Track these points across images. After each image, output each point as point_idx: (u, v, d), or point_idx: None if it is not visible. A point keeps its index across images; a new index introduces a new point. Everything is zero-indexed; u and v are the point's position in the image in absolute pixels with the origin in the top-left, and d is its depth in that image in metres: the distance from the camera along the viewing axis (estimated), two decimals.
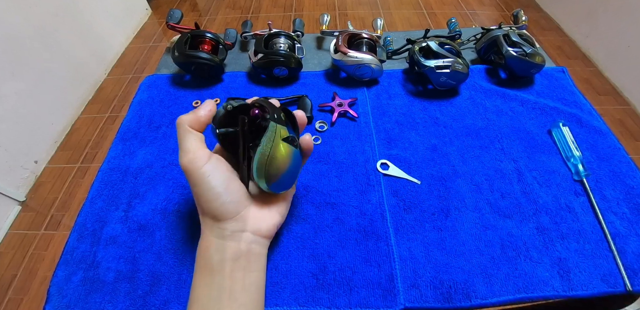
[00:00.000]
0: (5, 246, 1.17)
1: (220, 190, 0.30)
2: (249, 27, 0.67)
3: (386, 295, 0.35)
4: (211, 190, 0.30)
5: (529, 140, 0.48)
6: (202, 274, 0.30)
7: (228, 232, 0.31)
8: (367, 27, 0.88)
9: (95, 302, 0.36)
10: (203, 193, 0.30)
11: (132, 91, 1.65)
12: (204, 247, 0.31)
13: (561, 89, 0.55)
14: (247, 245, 0.31)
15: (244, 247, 0.31)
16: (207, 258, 0.30)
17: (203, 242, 0.32)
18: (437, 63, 0.51)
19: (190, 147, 0.31)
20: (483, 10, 2.15)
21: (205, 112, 0.32)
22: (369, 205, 0.42)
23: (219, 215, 0.31)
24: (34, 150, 1.35)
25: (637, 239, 0.38)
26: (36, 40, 1.37)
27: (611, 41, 1.63)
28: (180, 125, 0.32)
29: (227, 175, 0.31)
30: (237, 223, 0.31)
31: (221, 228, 0.31)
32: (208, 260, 0.30)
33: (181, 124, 0.32)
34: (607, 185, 0.43)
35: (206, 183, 0.30)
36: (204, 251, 0.31)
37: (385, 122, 0.52)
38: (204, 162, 0.30)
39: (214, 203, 0.30)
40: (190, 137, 0.31)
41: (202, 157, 0.30)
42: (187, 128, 0.31)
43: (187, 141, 0.31)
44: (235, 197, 0.31)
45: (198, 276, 0.31)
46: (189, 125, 0.31)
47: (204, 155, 0.31)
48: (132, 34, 2.04)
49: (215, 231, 0.31)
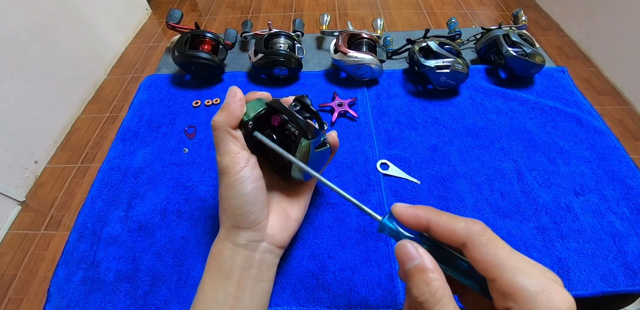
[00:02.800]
0: (5, 246, 1.17)
1: (249, 198, 0.30)
2: (249, 27, 0.67)
3: (386, 295, 0.35)
4: (240, 198, 0.29)
5: (529, 140, 0.48)
6: (211, 275, 0.30)
7: (244, 240, 0.30)
8: (367, 27, 0.88)
9: (95, 302, 0.36)
10: (231, 197, 0.30)
11: (132, 91, 1.65)
12: (217, 250, 0.31)
13: (561, 89, 0.56)
14: (261, 255, 0.31)
15: (257, 256, 0.31)
16: (219, 261, 0.30)
17: (218, 244, 0.31)
18: (437, 63, 0.51)
19: (232, 148, 0.29)
20: (483, 10, 2.15)
21: (237, 106, 0.30)
22: (369, 205, 0.42)
23: (239, 223, 0.30)
24: (34, 150, 1.35)
25: (637, 239, 0.38)
26: (36, 40, 1.37)
27: (611, 41, 1.63)
28: (219, 129, 0.30)
29: (258, 184, 0.30)
30: (254, 233, 0.31)
31: (238, 235, 0.30)
32: (220, 264, 0.30)
33: (220, 128, 0.30)
34: (607, 185, 0.43)
35: (238, 189, 0.29)
36: (216, 253, 0.31)
37: (385, 122, 0.52)
38: (243, 167, 0.29)
39: (239, 210, 0.30)
40: (230, 139, 0.30)
41: (242, 160, 0.29)
42: (228, 130, 0.29)
43: (228, 144, 0.30)
44: (259, 207, 0.31)
45: (207, 276, 0.30)
46: (229, 126, 0.29)
47: (243, 158, 0.30)
48: (132, 34, 2.04)
49: (231, 237, 0.30)
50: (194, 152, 0.49)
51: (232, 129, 0.30)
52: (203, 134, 0.51)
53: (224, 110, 0.30)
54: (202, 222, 0.41)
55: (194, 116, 0.54)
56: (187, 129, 0.52)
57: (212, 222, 0.41)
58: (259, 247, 0.31)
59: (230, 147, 0.30)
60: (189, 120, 0.53)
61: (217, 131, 0.30)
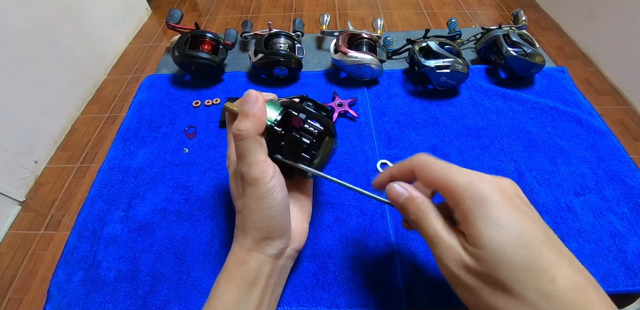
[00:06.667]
0: (5, 246, 1.17)
1: (281, 208, 0.29)
2: (249, 27, 0.67)
3: (387, 294, 0.35)
4: (273, 208, 0.28)
5: (529, 140, 0.48)
6: (234, 285, 0.29)
7: (276, 250, 0.29)
8: (367, 27, 0.88)
9: (95, 302, 0.36)
10: (263, 209, 0.28)
11: (132, 91, 1.65)
12: (242, 260, 0.29)
13: (561, 89, 0.56)
14: (284, 262, 0.31)
15: (281, 263, 0.30)
16: (244, 271, 0.29)
17: (242, 255, 0.29)
18: (437, 63, 0.51)
19: (260, 157, 0.28)
20: (483, 10, 2.15)
21: (259, 110, 0.28)
22: (369, 205, 0.42)
23: (272, 233, 0.29)
24: (34, 150, 1.35)
25: (637, 239, 0.38)
26: (36, 40, 1.37)
27: (611, 41, 1.63)
28: (247, 138, 0.28)
29: (285, 192, 0.29)
30: (283, 241, 0.30)
31: (270, 245, 0.29)
32: (245, 274, 0.29)
33: (249, 136, 0.28)
34: (607, 185, 0.43)
35: (271, 200, 0.28)
36: (241, 264, 0.29)
37: (385, 122, 0.52)
38: (272, 176, 0.28)
39: (272, 221, 0.29)
40: (258, 148, 0.28)
41: (270, 170, 0.28)
42: (257, 138, 0.28)
43: (256, 153, 0.28)
44: (288, 215, 0.30)
45: (228, 286, 0.29)
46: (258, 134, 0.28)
47: (270, 168, 0.28)
48: (132, 34, 2.04)
49: (262, 247, 0.29)
50: (194, 152, 0.49)
51: (260, 136, 0.29)
52: (203, 134, 0.51)
53: (249, 117, 0.28)
54: (202, 222, 0.41)
55: (194, 116, 0.54)
56: (187, 129, 0.52)
57: (212, 222, 0.41)
58: (284, 254, 0.31)
59: (258, 156, 0.28)
60: (189, 120, 0.53)
61: (245, 140, 0.28)
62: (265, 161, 0.28)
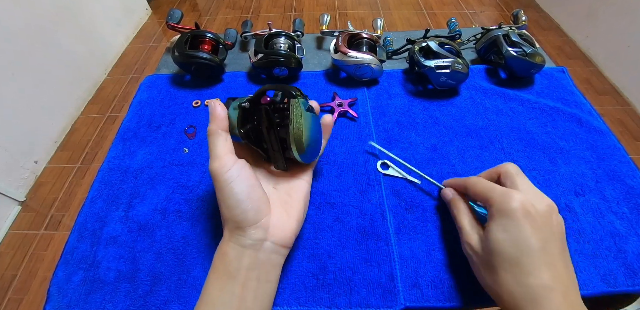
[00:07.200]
0: (5, 246, 1.17)
1: (242, 197, 0.30)
2: (249, 27, 0.67)
3: (386, 294, 0.35)
4: (233, 197, 0.30)
5: (529, 140, 0.48)
6: (216, 276, 0.31)
7: (249, 240, 0.31)
8: (367, 27, 0.88)
9: (95, 302, 0.36)
10: (225, 199, 0.31)
11: (132, 91, 1.65)
12: (222, 251, 0.31)
13: (561, 89, 0.56)
14: (266, 256, 0.31)
15: (262, 256, 0.31)
16: (224, 262, 0.31)
17: (223, 246, 0.32)
18: (437, 63, 0.51)
19: (219, 152, 0.31)
20: (483, 10, 2.15)
21: (220, 111, 0.33)
22: (369, 205, 0.42)
23: (239, 222, 0.31)
24: (34, 150, 1.35)
25: (637, 239, 0.38)
26: (36, 40, 1.37)
27: (611, 41, 1.63)
28: (212, 133, 0.32)
29: (250, 182, 0.32)
30: (257, 231, 0.31)
31: (242, 236, 0.31)
32: (225, 265, 0.30)
33: (211, 132, 0.32)
34: (607, 185, 0.43)
35: (229, 189, 0.30)
36: (222, 255, 0.31)
37: (385, 122, 0.52)
38: (229, 168, 0.31)
39: (236, 210, 0.30)
40: (220, 142, 0.32)
41: (228, 163, 0.31)
42: (218, 131, 0.32)
43: (218, 147, 0.32)
44: (257, 204, 0.31)
45: (213, 277, 0.31)
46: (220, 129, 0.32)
47: (229, 160, 0.31)
48: (132, 34, 2.04)
49: (235, 238, 0.31)
50: (194, 152, 0.49)
51: (224, 131, 0.33)
52: (203, 134, 0.51)
53: (212, 118, 0.33)
54: (202, 222, 0.41)
55: (194, 116, 0.54)
56: (187, 129, 0.52)
57: (212, 222, 0.41)
58: (263, 247, 0.31)
59: (218, 150, 0.31)
60: (189, 120, 0.53)
61: (209, 137, 0.32)
62: (226, 154, 0.31)
